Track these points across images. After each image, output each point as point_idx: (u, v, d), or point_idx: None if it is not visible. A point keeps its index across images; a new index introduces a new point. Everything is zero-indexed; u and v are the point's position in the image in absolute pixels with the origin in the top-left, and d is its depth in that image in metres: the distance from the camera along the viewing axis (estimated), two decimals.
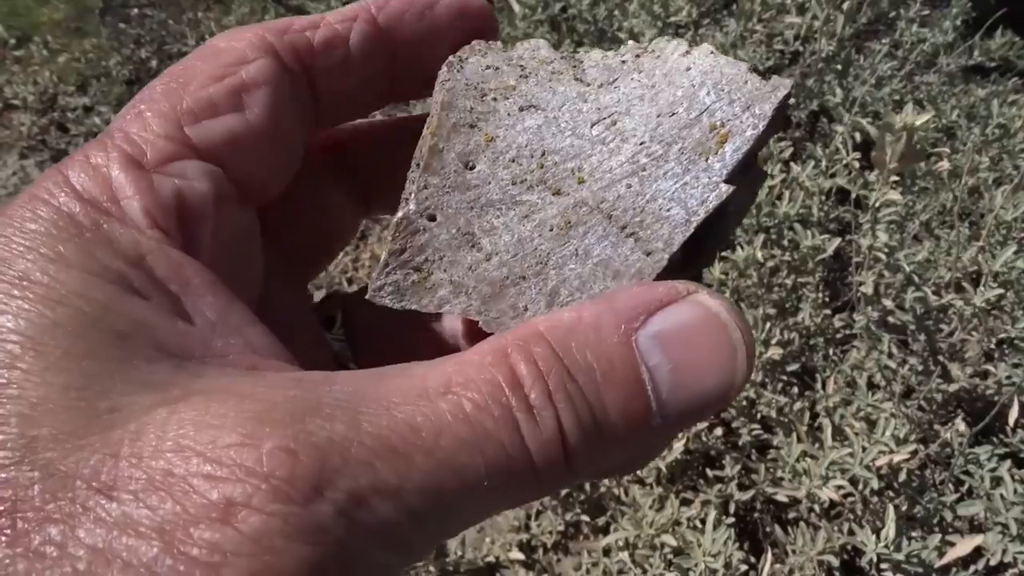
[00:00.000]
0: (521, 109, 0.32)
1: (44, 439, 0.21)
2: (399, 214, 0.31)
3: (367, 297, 0.32)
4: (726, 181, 0.30)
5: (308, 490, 0.21)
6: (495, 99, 0.32)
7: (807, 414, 1.29)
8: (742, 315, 0.29)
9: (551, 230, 0.31)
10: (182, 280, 0.26)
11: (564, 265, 0.30)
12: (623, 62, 0.33)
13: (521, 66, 0.33)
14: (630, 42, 0.34)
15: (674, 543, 1.13)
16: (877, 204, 1.12)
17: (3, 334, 0.22)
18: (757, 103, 0.31)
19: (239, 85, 0.28)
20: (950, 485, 1.20)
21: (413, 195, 0.31)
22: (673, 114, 0.31)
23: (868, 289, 1.23)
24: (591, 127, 0.32)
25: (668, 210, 0.30)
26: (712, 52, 0.32)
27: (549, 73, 0.33)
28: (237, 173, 0.29)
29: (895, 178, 1.08)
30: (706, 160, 0.30)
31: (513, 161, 0.31)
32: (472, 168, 0.31)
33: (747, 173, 0.32)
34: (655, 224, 0.30)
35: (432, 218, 0.31)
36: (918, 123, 0.96)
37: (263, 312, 0.30)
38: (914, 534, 1.11)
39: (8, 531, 0.19)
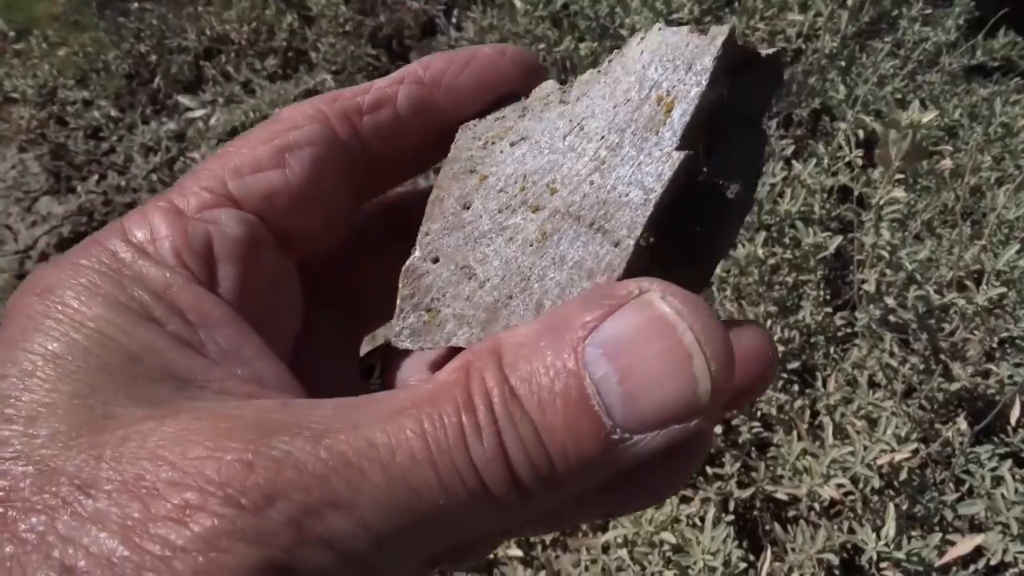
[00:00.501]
0: (512, 144, 0.34)
1: (42, 438, 0.24)
2: (407, 263, 0.33)
3: (391, 343, 0.34)
4: (679, 148, 0.29)
5: (259, 498, 0.23)
6: (493, 143, 0.34)
7: (808, 412, 1.28)
8: (705, 313, 0.27)
9: (531, 245, 0.31)
10: (200, 312, 0.29)
11: (545, 276, 0.31)
12: (598, 71, 0.34)
13: (523, 107, 0.35)
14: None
15: (673, 541, 1.13)
16: (881, 202, 1.12)
17: (33, 348, 0.26)
18: (697, 59, 0.31)
19: (284, 146, 0.32)
20: (951, 484, 1.20)
21: (417, 243, 0.33)
22: (627, 100, 0.31)
23: (870, 287, 1.23)
24: (563, 139, 0.32)
25: (627, 195, 0.30)
26: (659, 28, 0.32)
27: (543, 105, 0.34)
28: (276, 223, 0.32)
29: (899, 176, 1.07)
30: (656, 134, 0.30)
31: (501, 191, 0.33)
32: (468, 208, 0.33)
33: (739, 142, 0.32)
34: (618, 213, 0.30)
35: (435, 260, 0.33)
36: (924, 121, 0.95)
37: (309, 357, 0.34)
38: (914, 533, 1.11)
39: (3, 517, 0.22)
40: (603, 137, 0.31)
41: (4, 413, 0.24)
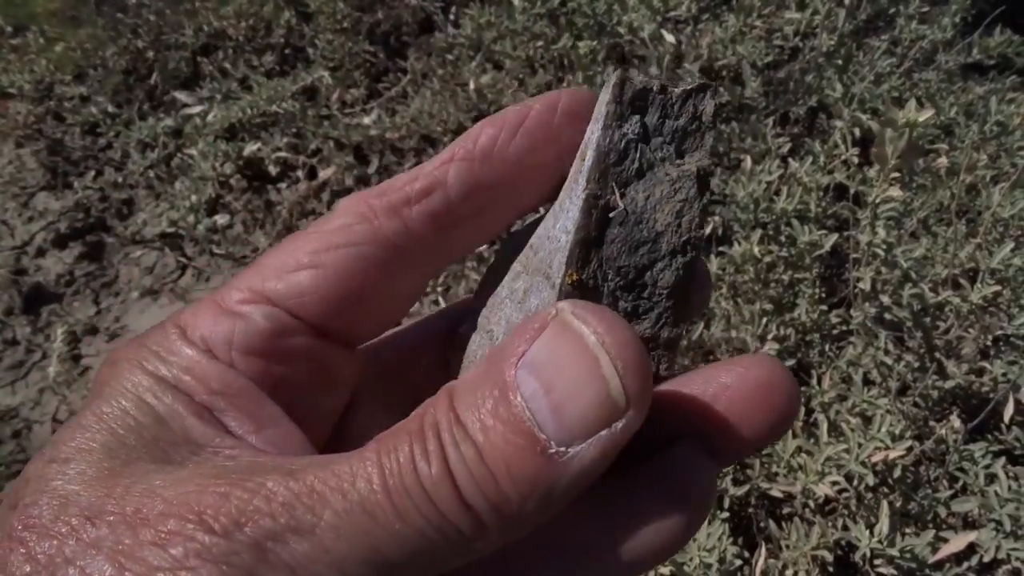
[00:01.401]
0: (536, 216, 0.39)
1: (71, 476, 0.29)
2: (453, 336, 0.38)
3: None
4: (586, 189, 0.33)
5: (229, 523, 0.26)
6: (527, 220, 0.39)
7: (802, 410, 1.29)
8: (608, 317, 0.29)
9: (519, 302, 0.36)
10: (223, 383, 0.33)
11: None
12: None
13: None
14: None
15: None
16: (877, 200, 1.12)
17: (92, 406, 0.32)
18: (599, 107, 0.34)
19: (321, 247, 0.35)
20: (944, 481, 1.20)
21: (467, 321, 0.39)
22: (582, 161, 0.35)
23: (866, 285, 1.23)
24: (555, 221, 0.36)
25: (559, 240, 0.34)
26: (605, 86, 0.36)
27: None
28: (310, 318, 0.35)
29: (895, 174, 1.08)
30: (576, 182, 0.34)
31: (516, 262, 0.37)
32: (501, 282, 0.38)
33: (661, 177, 0.34)
34: (554, 258, 0.34)
35: (473, 329, 0.38)
36: (920, 119, 0.96)
37: (357, 429, 0.38)
38: (908, 530, 1.11)
39: (25, 541, 0.27)
40: (561, 196, 0.35)
41: (54, 453, 0.30)
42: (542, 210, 0.38)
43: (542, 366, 0.28)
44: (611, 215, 0.34)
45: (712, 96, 0.36)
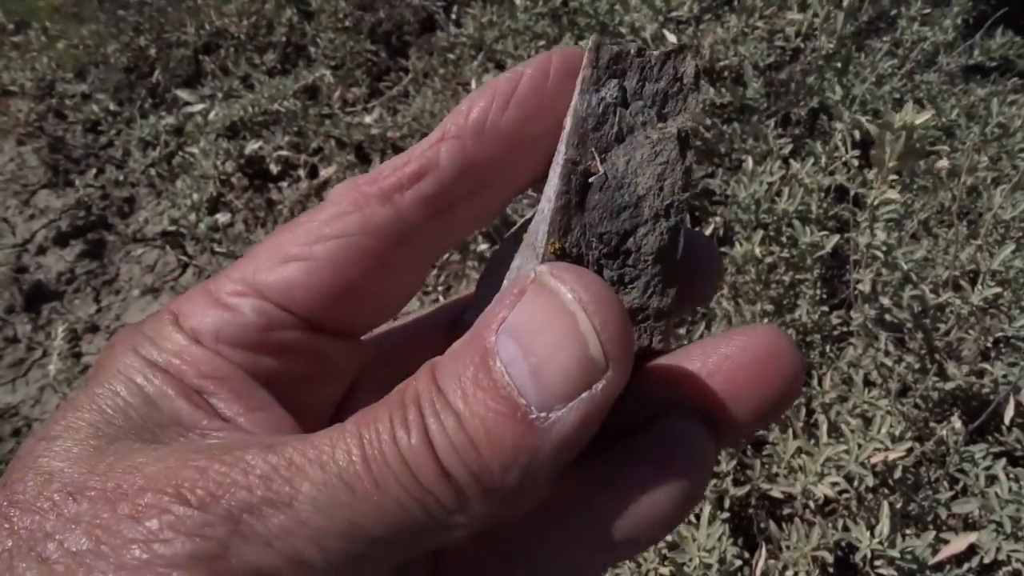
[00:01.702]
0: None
1: (56, 452, 0.29)
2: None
3: None
4: (566, 155, 0.33)
5: (205, 496, 0.26)
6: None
7: (803, 411, 1.29)
8: (585, 276, 0.28)
9: (514, 280, 0.35)
10: (212, 367, 0.33)
11: None
12: None
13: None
14: None
15: (669, 538, 1.13)
16: (876, 202, 1.12)
17: (86, 389, 0.32)
18: (579, 73, 0.34)
19: (312, 239, 0.35)
20: (945, 483, 1.20)
21: (469, 311, 0.39)
22: (564, 130, 0.35)
23: (866, 287, 1.23)
24: (544, 193, 0.36)
25: (544, 210, 0.34)
26: None
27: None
28: (300, 310, 0.35)
29: (893, 177, 1.08)
30: (558, 151, 0.34)
31: (522, 240, 0.38)
32: (506, 264, 0.38)
33: (641, 140, 0.34)
34: (540, 228, 0.34)
35: (475, 317, 0.37)
36: (918, 122, 0.96)
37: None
38: (908, 531, 1.11)
39: (9, 516, 0.27)
40: (551, 167, 0.35)
41: (44, 432, 0.30)
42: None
43: (521, 329, 0.28)
44: (590, 180, 0.33)
45: (693, 58, 0.35)
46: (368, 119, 2.15)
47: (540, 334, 0.28)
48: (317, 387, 0.37)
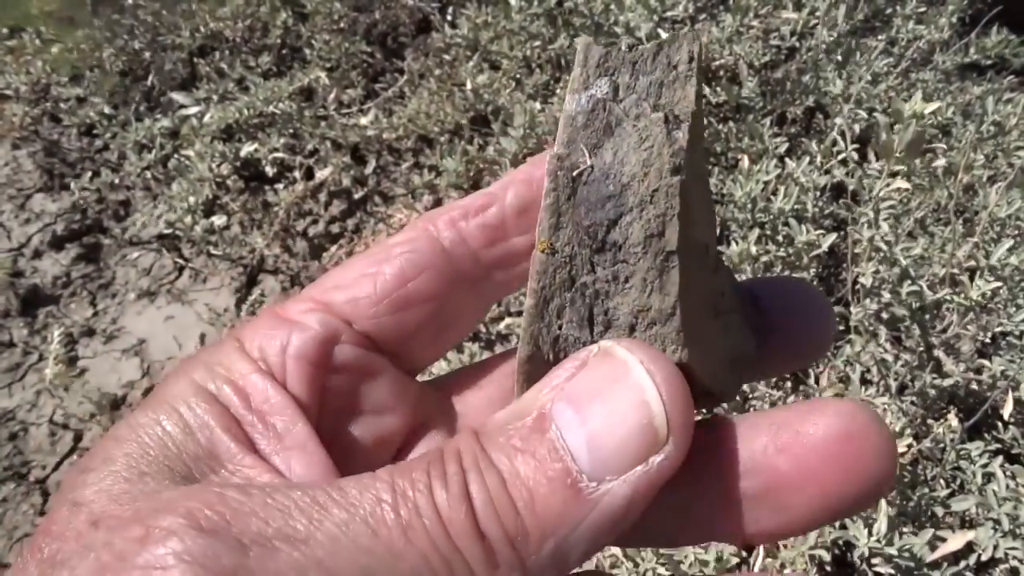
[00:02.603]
0: None
1: (90, 484, 0.29)
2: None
3: None
4: (556, 151, 0.33)
5: (217, 521, 0.26)
6: None
7: None
8: (654, 351, 0.28)
9: None
10: (260, 401, 0.33)
11: None
12: None
13: None
14: None
15: None
16: (882, 192, 1.11)
17: (128, 420, 0.32)
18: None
19: (383, 257, 0.36)
20: (942, 480, 1.20)
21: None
22: None
23: (867, 281, 1.23)
24: None
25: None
26: None
27: None
28: (365, 327, 0.36)
29: (900, 167, 1.07)
30: None
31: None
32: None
33: (629, 132, 0.33)
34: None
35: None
36: (928, 111, 0.95)
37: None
38: (906, 529, 1.11)
39: (40, 546, 0.28)
40: None
41: (82, 463, 0.31)
42: None
43: (581, 397, 0.27)
44: (575, 174, 0.32)
45: (690, 42, 0.34)
46: (364, 120, 2.14)
47: (603, 402, 0.27)
48: (368, 423, 0.37)
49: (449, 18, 2.34)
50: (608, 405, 0.27)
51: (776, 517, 0.29)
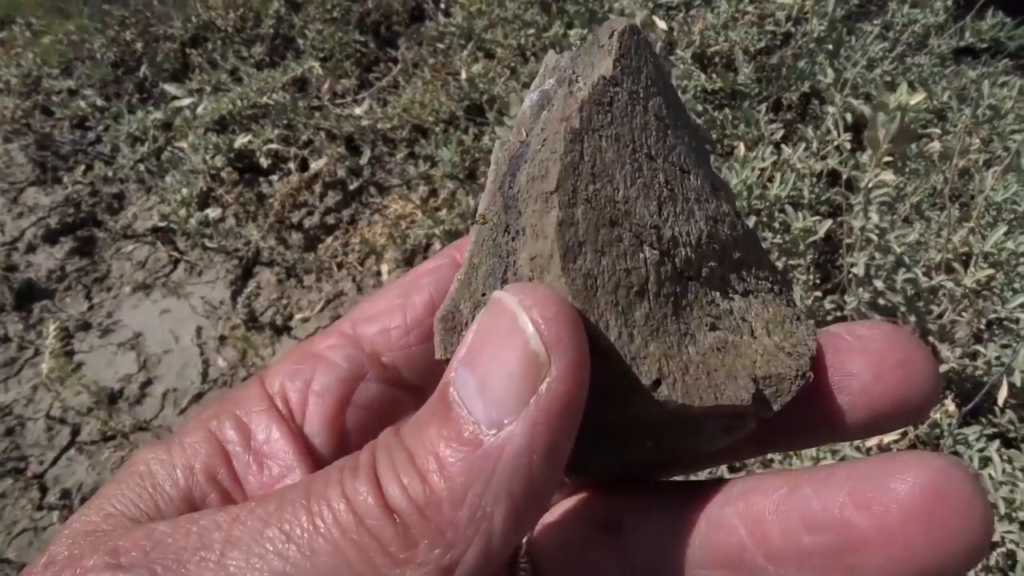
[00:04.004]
0: None
1: (70, 529, 0.30)
2: None
3: None
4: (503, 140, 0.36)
5: (137, 556, 0.26)
6: None
7: None
8: (532, 285, 0.28)
9: None
10: (265, 439, 0.33)
11: None
12: None
13: None
14: None
15: None
16: (870, 184, 1.12)
17: (126, 468, 0.33)
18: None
19: (412, 289, 0.36)
20: None
21: None
22: None
23: (859, 270, 1.23)
24: None
25: None
26: None
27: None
28: (392, 350, 0.36)
29: (888, 158, 1.07)
30: None
31: None
32: None
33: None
34: None
35: None
36: (912, 103, 0.95)
37: None
38: None
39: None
40: None
41: (83, 507, 0.31)
42: None
43: (473, 351, 0.27)
44: (511, 153, 0.35)
45: (617, 24, 0.36)
46: (358, 111, 2.13)
47: (487, 349, 0.27)
48: None
49: (443, 6, 2.33)
50: (491, 349, 0.26)
51: None
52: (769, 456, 1.22)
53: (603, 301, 0.31)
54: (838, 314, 1.40)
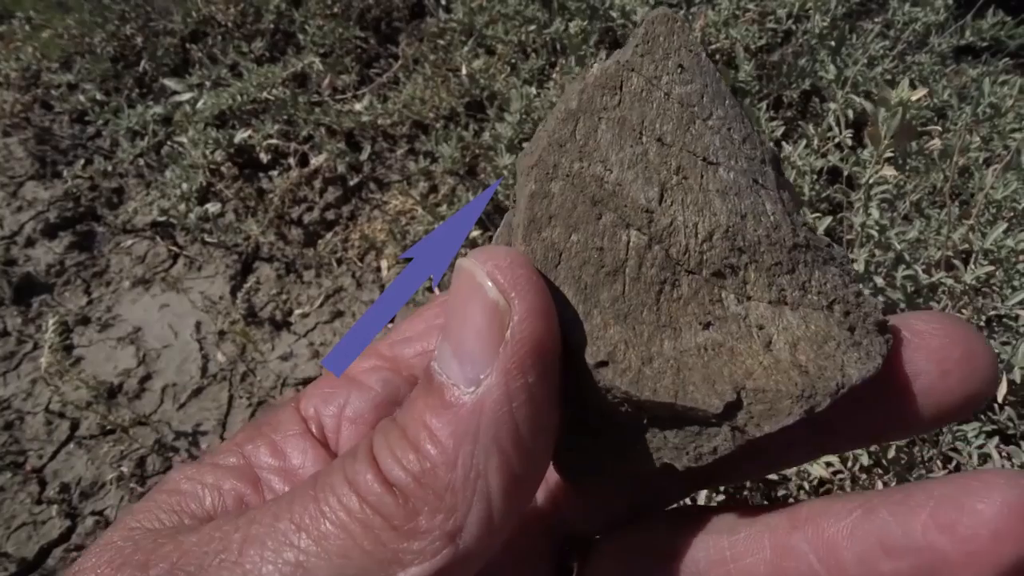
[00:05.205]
0: None
1: (95, 548, 0.30)
2: None
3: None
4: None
5: (166, 567, 0.27)
6: None
7: None
8: (488, 248, 0.28)
9: None
10: (298, 463, 0.34)
11: None
12: None
13: None
14: None
15: None
16: (871, 181, 1.12)
17: (160, 487, 0.34)
18: None
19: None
20: (938, 462, 1.21)
21: None
22: None
23: (860, 267, 1.23)
24: None
25: None
26: None
27: None
28: None
29: (889, 155, 1.07)
30: None
31: None
32: None
33: None
34: None
35: None
36: (913, 99, 0.95)
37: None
38: None
39: None
40: None
41: (114, 524, 0.33)
42: None
43: (445, 320, 0.28)
44: None
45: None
46: (358, 106, 2.13)
47: (455, 312, 0.27)
48: None
49: (443, 2, 2.32)
50: (458, 312, 0.27)
51: None
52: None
53: (564, 274, 0.31)
54: None
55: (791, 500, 1.23)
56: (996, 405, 1.20)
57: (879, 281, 1.27)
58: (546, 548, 0.38)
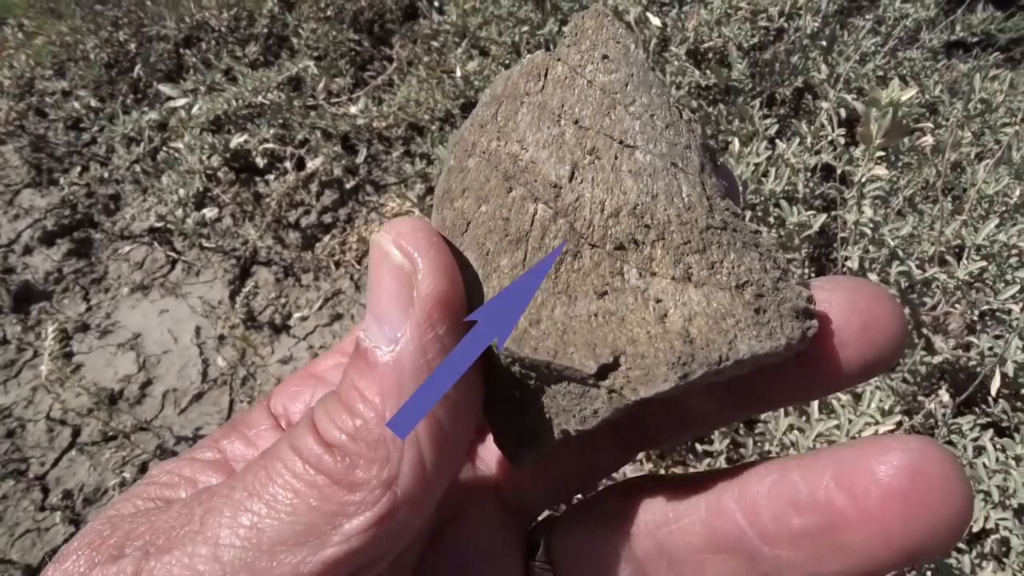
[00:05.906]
0: None
1: (92, 526, 0.32)
2: None
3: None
4: None
5: (140, 546, 0.28)
6: None
7: None
8: (397, 221, 0.30)
9: None
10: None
11: None
12: None
13: None
14: None
15: None
16: (863, 179, 1.13)
17: (155, 471, 0.36)
18: None
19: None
20: None
21: None
22: None
23: (853, 264, 1.24)
24: None
25: None
26: None
27: None
28: None
29: (881, 153, 1.09)
30: None
31: None
32: None
33: None
34: None
35: None
36: (904, 98, 0.96)
37: (467, 537, 0.38)
38: None
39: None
40: None
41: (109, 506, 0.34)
42: None
43: (367, 294, 0.30)
44: None
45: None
46: (353, 109, 2.14)
47: (371, 282, 0.30)
48: None
49: (436, 4, 2.33)
50: (373, 280, 0.30)
51: (837, 557, 0.28)
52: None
53: (469, 241, 0.34)
54: None
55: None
56: (990, 398, 1.22)
57: (873, 278, 1.28)
58: (519, 533, 0.40)
